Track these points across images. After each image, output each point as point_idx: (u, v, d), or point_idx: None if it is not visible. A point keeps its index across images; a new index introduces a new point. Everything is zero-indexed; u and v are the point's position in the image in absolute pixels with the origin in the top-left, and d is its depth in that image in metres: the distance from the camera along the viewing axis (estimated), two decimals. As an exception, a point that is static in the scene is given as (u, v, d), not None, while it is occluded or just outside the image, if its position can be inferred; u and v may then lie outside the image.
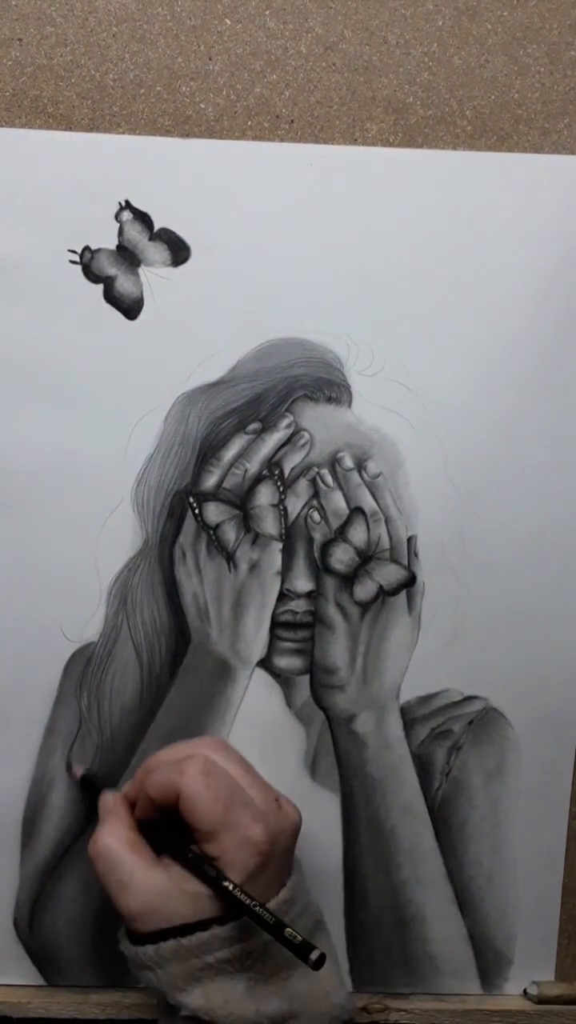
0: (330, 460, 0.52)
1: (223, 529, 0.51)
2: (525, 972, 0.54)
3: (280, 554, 0.52)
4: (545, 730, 0.53)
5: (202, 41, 0.49)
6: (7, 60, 0.49)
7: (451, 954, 0.54)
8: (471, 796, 0.53)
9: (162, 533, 0.51)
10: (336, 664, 0.52)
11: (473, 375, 0.51)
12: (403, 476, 0.52)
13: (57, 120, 0.49)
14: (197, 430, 0.51)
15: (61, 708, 0.52)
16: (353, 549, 0.52)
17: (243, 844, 0.42)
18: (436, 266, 0.50)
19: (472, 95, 0.50)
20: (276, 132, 0.50)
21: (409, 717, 0.53)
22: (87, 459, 0.51)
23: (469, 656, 0.52)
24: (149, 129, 0.49)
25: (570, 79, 0.50)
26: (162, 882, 0.43)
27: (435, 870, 0.53)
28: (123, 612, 0.51)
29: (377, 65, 0.49)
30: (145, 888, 0.43)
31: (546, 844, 0.54)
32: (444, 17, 0.49)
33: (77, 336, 0.50)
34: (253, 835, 0.42)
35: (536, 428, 0.51)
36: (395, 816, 0.53)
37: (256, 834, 0.42)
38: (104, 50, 0.49)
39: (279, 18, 0.49)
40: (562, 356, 0.51)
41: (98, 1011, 0.53)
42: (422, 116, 0.50)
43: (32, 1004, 0.53)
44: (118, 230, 0.49)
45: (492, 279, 0.50)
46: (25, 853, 0.52)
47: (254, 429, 0.51)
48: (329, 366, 0.51)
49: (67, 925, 0.53)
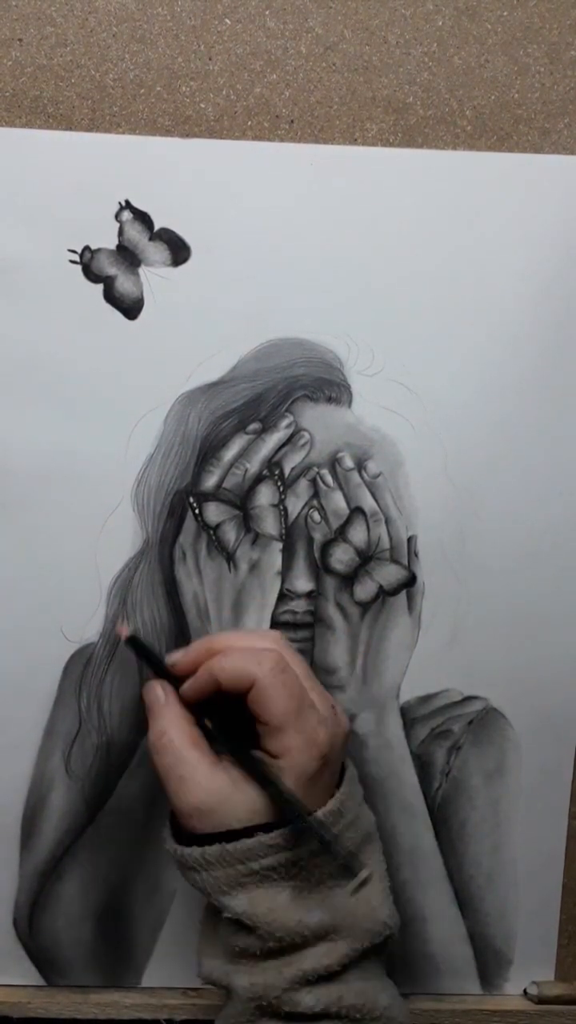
0: (330, 460, 0.52)
1: (223, 529, 0.51)
2: (525, 972, 0.54)
3: (280, 554, 0.52)
4: (545, 730, 0.53)
5: (202, 41, 0.49)
6: (7, 60, 0.49)
7: (451, 954, 0.54)
8: (471, 796, 0.53)
9: (162, 533, 0.51)
10: (336, 664, 0.52)
11: (473, 375, 0.51)
12: (403, 476, 0.52)
13: (57, 120, 0.49)
14: (197, 430, 0.51)
15: (61, 708, 0.52)
16: (353, 549, 0.52)
17: (308, 745, 0.42)
18: (436, 266, 0.50)
19: (472, 95, 0.50)
20: (276, 132, 0.50)
21: (409, 717, 0.53)
22: (87, 459, 0.51)
23: (469, 656, 0.52)
24: (149, 129, 0.49)
25: (570, 79, 0.50)
26: (223, 784, 0.43)
27: (435, 870, 0.53)
28: (123, 612, 0.51)
29: (377, 65, 0.49)
30: (207, 788, 0.42)
31: (546, 844, 0.54)
32: (444, 17, 0.49)
33: (77, 336, 0.50)
34: (318, 738, 0.43)
35: (536, 428, 0.51)
36: (395, 816, 0.53)
37: (320, 737, 0.43)
38: (104, 50, 0.49)
39: (279, 18, 0.49)
40: (562, 356, 0.51)
41: (98, 1011, 0.53)
42: (422, 116, 0.50)
43: (32, 1004, 0.53)
44: (118, 230, 0.49)
45: (492, 279, 0.50)
46: (25, 853, 0.52)
47: (254, 429, 0.51)
48: (329, 366, 0.51)
49: (67, 925, 0.53)
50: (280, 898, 0.42)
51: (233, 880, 0.42)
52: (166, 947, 0.53)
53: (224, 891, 0.42)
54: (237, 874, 0.42)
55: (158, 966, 0.53)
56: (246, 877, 0.42)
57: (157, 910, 0.53)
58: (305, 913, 0.42)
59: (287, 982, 0.42)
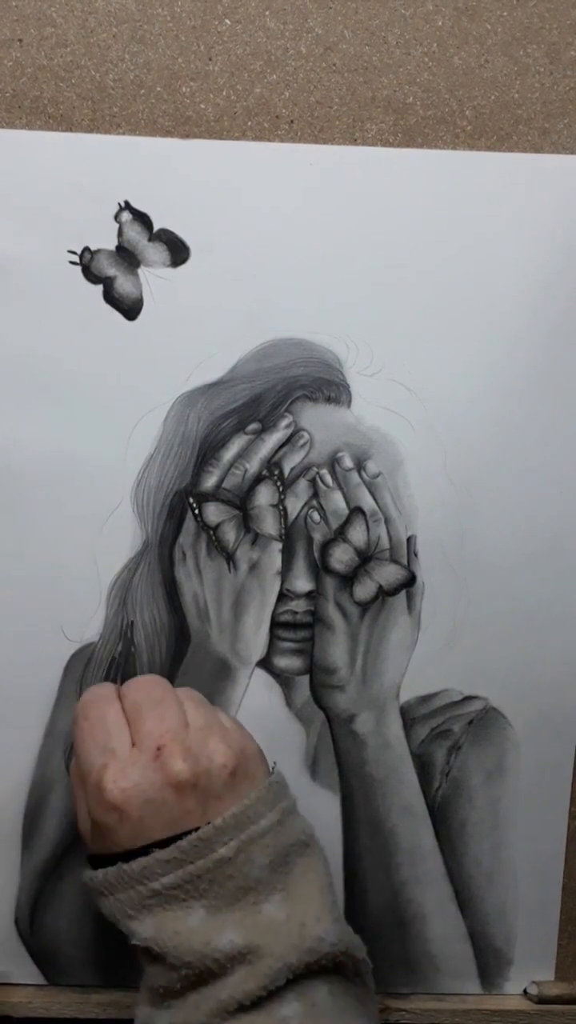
0: (330, 460, 0.52)
1: (223, 529, 0.51)
2: (525, 972, 0.54)
3: (280, 554, 0.52)
4: (545, 730, 0.53)
5: (202, 41, 0.49)
6: (7, 61, 0.49)
7: (451, 954, 0.54)
8: (471, 796, 0.53)
9: (162, 533, 0.51)
10: (336, 664, 0.52)
11: (473, 375, 0.51)
12: (403, 476, 0.52)
13: (57, 120, 0.49)
14: (197, 430, 0.51)
15: (61, 709, 0.52)
16: (353, 549, 0.52)
17: (94, 790, 0.42)
18: (436, 266, 0.50)
19: (472, 95, 0.50)
20: (276, 132, 0.50)
21: (409, 717, 0.53)
22: (87, 459, 0.51)
23: (469, 656, 0.52)
24: (149, 129, 0.49)
25: (570, 79, 0.50)
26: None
27: (435, 870, 0.53)
28: (123, 613, 0.52)
29: (377, 65, 0.49)
30: (83, 815, 0.43)
31: (546, 844, 0.54)
32: (444, 17, 0.49)
33: (77, 336, 0.50)
34: (101, 784, 0.42)
35: (536, 428, 0.51)
36: (395, 816, 0.53)
37: (105, 784, 0.42)
38: (104, 50, 0.49)
39: (279, 18, 0.49)
40: (562, 356, 0.51)
41: (99, 1011, 0.53)
42: (422, 116, 0.50)
43: (33, 1004, 0.53)
44: (118, 231, 0.49)
45: (492, 279, 0.50)
46: (26, 853, 0.53)
47: (254, 429, 0.51)
48: (329, 366, 0.51)
49: (68, 925, 0.53)
50: (190, 920, 0.40)
51: (137, 903, 0.40)
52: (166, 946, 0.53)
53: (130, 915, 0.41)
54: (140, 896, 0.40)
55: (158, 965, 0.53)
56: (149, 899, 0.40)
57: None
58: (215, 935, 0.39)
59: (204, 1016, 0.39)
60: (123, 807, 0.41)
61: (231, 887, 0.40)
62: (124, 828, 0.41)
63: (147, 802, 0.41)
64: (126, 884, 0.41)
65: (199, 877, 0.40)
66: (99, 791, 0.41)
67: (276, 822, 0.42)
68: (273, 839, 0.42)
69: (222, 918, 0.40)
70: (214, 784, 0.42)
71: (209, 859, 0.40)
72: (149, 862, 0.40)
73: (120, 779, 0.41)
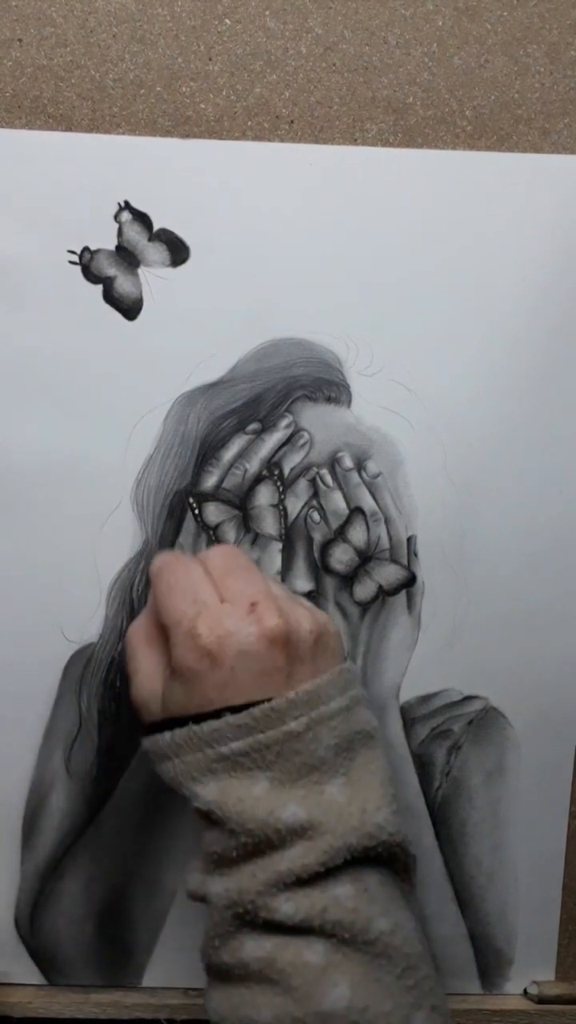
0: (330, 460, 0.52)
1: (223, 529, 0.51)
2: (525, 972, 0.54)
3: (280, 554, 0.52)
4: (545, 730, 0.53)
5: (202, 41, 0.49)
6: (7, 61, 0.49)
7: (451, 953, 0.54)
8: (471, 796, 0.53)
9: (162, 533, 0.51)
10: (336, 664, 0.52)
11: (473, 375, 0.51)
12: (403, 476, 0.52)
13: (57, 120, 0.49)
14: (197, 430, 0.51)
15: (61, 708, 0.52)
16: (353, 549, 0.52)
17: (185, 638, 0.42)
18: (436, 266, 0.50)
19: (472, 95, 0.50)
20: (276, 132, 0.50)
21: (409, 717, 0.53)
22: (87, 459, 0.51)
23: (469, 656, 0.52)
24: (149, 129, 0.49)
25: (570, 79, 0.50)
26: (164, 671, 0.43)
27: (435, 870, 0.53)
28: (123, 613, 0.52)
29: (377, 65, 0.49)
30: (153, 677, 0.43)
31: (546, 844, 0.54)
32: (444, 17, 0.49)
33: (77, 336, 0.50)
34: (196, 632, 0.42)
35: (536, 428, 0.51)
36: (395, 816, 0.53)
37: (200, 632, 0.42)
38: (104, 50, 0.49)
39: (279, 18, 0.49)
40: (562, 356, 0.51)
41: (99, 1011, 0.53)
42: (422, 116, 0.50)
43: (33, 1004, 0.53)
44: (117, 231, 0.49)
45: (492, 279, 0.50)
46: (26, 853, 0.53)
47: (254, 429, 0.51)
48: (329, 366, 0.51)
49: (68, 925, 0.53)
50: (255, 789, 0.40)
51: (203, 766, 0.40)
52: (167, 947, 0.53)
53: (195, 777, 0.41)
54: (207, 759, 0.40)
55: (159, 966, 0.53)
56: (216, 763, 0.40)
57: (158, 910, 0.53)
58: (278, 806, 0.39)
59: (261, 885, 0.39)
60: (217, 654, 0.41)
61: (297, 762, 0.40)
62: (214, 676, 0.41)
63: (241, 652, 0.41)
64: (194, 746, 0.41)
65: (268, 747, 0.40)
66: (192, 637, 0.41)
67: (345, 707, 0.42)
68: (341, 723, 0.42)
69: (285, 793, 0.40)
70: (302, 647, 0.42)
71: (279, 730, 0.40)
72: (220, 725, 0.40)
73: (216, 627, 0.41)
